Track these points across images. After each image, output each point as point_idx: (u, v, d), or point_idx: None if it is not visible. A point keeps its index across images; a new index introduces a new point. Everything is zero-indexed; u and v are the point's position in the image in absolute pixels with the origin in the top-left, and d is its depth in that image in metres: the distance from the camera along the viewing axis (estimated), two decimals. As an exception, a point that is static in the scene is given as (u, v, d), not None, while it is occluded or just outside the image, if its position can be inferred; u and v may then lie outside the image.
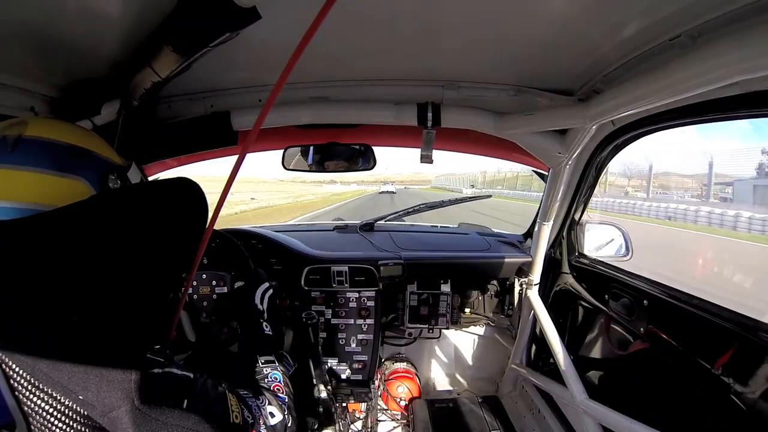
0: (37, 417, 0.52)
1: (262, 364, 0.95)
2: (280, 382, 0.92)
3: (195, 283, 1.41)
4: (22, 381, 0.52)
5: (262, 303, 1.09)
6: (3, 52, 0.81)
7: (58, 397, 0.52)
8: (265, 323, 1.04)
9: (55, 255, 0.55)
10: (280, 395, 0.88)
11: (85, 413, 0.53)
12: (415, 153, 1.36)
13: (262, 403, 0.80)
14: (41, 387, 0.52)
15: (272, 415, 0.80)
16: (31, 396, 0.52)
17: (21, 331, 0.51)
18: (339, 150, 1.68)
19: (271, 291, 1.13)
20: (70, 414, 0.53)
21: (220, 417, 0.65)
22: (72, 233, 0.57)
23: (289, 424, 0.83)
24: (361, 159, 1.68)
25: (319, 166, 1.68)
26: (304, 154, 1.71)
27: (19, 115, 0.97)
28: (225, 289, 1.45)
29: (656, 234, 12.07)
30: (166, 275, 0.69)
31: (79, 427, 0.53)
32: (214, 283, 1.44)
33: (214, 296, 1.43)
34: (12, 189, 0.58)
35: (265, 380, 0.92)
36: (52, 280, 0.54)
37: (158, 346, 0.77)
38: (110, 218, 0.60)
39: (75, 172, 0.61)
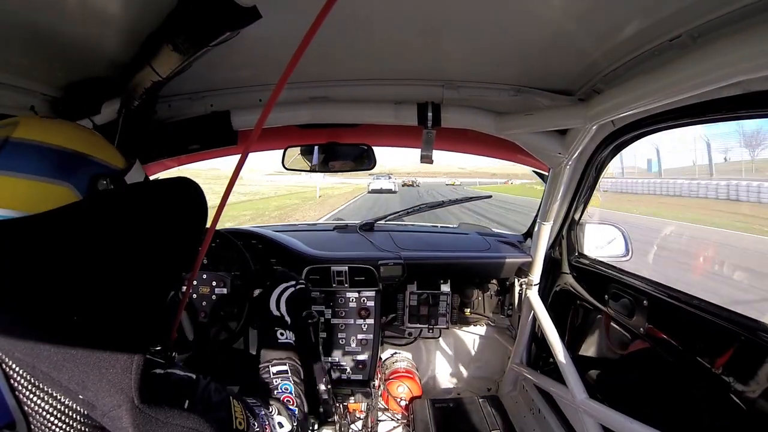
0: (38, 417, 0.52)
1: (274, 374, 0.93)
2: (291, 393, 0.90)
3: (195, 282, 1.41)
4: (22, 381, 0.52)
5: (278, 307, 1.07)
6: (3, 52, 0.81)
7: (59, 397, 0.52)
8: (280, 331, 1.02)
9: (54, 255, 0.55)
10: (290, 407, 0.87)
11: (85, 413, 0.53)
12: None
13: (270, 412, 0.79)
14: (41, 387, 0.52)
15: (281, 425, 0.79)
16: (32, 396, 0.52)
17: (21, 330, 0.51)
18: (339, 150, 1.68)
19: (289, 291, 1.11)
20: (70, 414, 0.53)
21: (222, 420, 0.64)
22: (68, 234, 0.56)
23: None
24: (361, 159, 1.68)
25: (322, 166, 1.69)
26: (304, 153, 1.71)
27: (19, 114, 0.97)
28: (225, 291, 1.44)
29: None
30: (166, 275, 0.68)
31: (79, 427, 0.53)
32: (214, 283, 1.43)
33: (214, 297, 1.43)
34: None
35: (276, 391, 0.91)
36: (52, 280, 0.54)
37: (159, 348, 0.77)
38: (105, 220, 0.59)
39: (60, 177, 0.58)
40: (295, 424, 0.83)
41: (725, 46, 0.62)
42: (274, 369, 0.94)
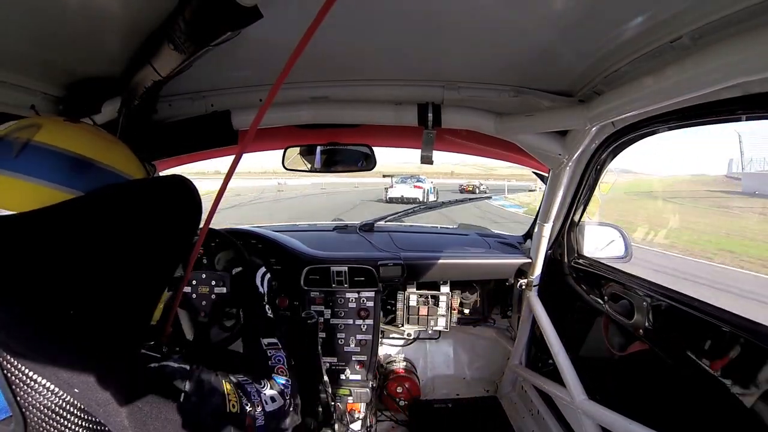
0: (34, 411, 0.52)
1: (266, 346, 0.94)
2: (283, 364, 0.91)
3: (194, 282, 1.40)
4: (19, 374, 0.52)
5: (262, 285, 1.09)
6: (3, 50, 0.81)
7: (55, 390, 0.52)
8: (267, 305, 1.04)
9: (48, 250, 0.55)
10: (283, 378, 0.87)
11: (81, 406, 0.53)
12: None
13: (262, 387, 0.79)
14: (38, 380, 0.52)
15: (273, 399, 0.79)
16: (28, 389, 0.52)
17: (18, 324, 0.52)
18: (339, 151, 1.68)
19: (268, 274, 1.14)
20: (66, 407, 0.53)
21: (217, 407, 0.65)
22: (62, 230, 0.56)
23: (289, 408, 0.82)
24: (361, 160, 1.68)
25: (321, 167, 1.69)
26: (304, 154, 1.71)
27: (19, 113, 0.98)
28: (224, 290, 1.44)
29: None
30: (160, 271, 0.68)
31: (75, 420, 0.53)
32: (213, 283, 1.43)
33: (213, 296, 1.42)
34: (8, 198, 0.56)
35: (270, 361, 0.90)
36: (48, 274, 0.54)
37: (153, 342, 0.78)
38: (99, 216, 0.59)
39: (73, 185, 0.58)
40: (287, 398, 0.82)
41: (725, 48, 0.62)
42: (265, 341, 0.95)
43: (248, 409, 0.71)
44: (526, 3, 0.75)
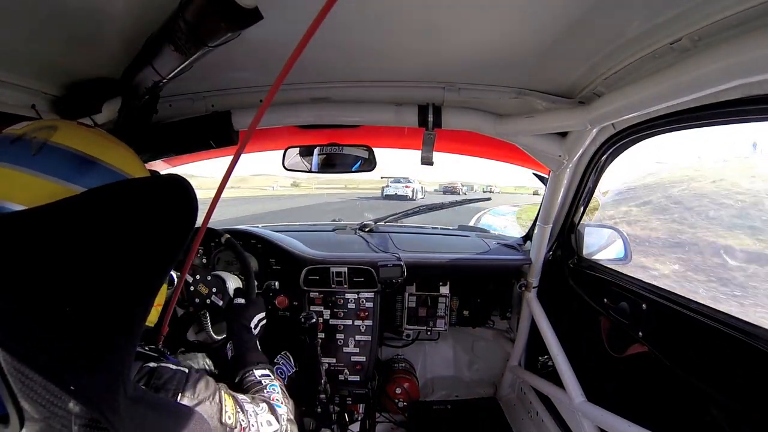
0: (30, 409, 0.52)
1: (259, 376, 0.98)
2: (278, 393, 0.94)
3: (197, 277, 1.39)
4: (15, 372, 0.52)
5: (255, 328, 1.20)
6: (4, 50, 0.82)
7: (51, 388, 0.52)
8: (257, 343, 1.14)
9: (47, 245, 0.55)
10: (279, 405, 0.90)
11: (78, 404, 0.53)
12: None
13: (261, 410, 0.81)
14: (34, 378, 0.52)
15: (269, 423, 0.81)
16: (24, 387, 0.52)
17: (14, 321, 0.51)
18: (339, 152, 1.68)
19: (264, 321, 1.24)
20: (63, 405, 0.53)
21: (213, 414, 0.66)
22: (58, 227, 0.57)
23: None
24: (361, 161, 1.68)
25: (322, 168, 1.69)
26: (304, 154, 1.71)
27: (20, 112, 0.98)
28: (220, 303, 1.42)
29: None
30: (155, 270, 0.68)
31: (71, 418, 0.53)
32: (214, 289, 1.41)
33: (208, 301, 1.41)
34: (23, 193, 0.58)
35: (264, 391, 0.94)
36: (45, 270, 0.54)
37: (151, 343, 0.78)
38: (94, 214, 0.60)
39: (77, 182, 0.61)
40: (283, 424, 0.85)
41: (725, 49, 0.63)
42: (258, 372, 0.99)
43: (243, 424, 0.73)
44: (526, 4, 0.75)
